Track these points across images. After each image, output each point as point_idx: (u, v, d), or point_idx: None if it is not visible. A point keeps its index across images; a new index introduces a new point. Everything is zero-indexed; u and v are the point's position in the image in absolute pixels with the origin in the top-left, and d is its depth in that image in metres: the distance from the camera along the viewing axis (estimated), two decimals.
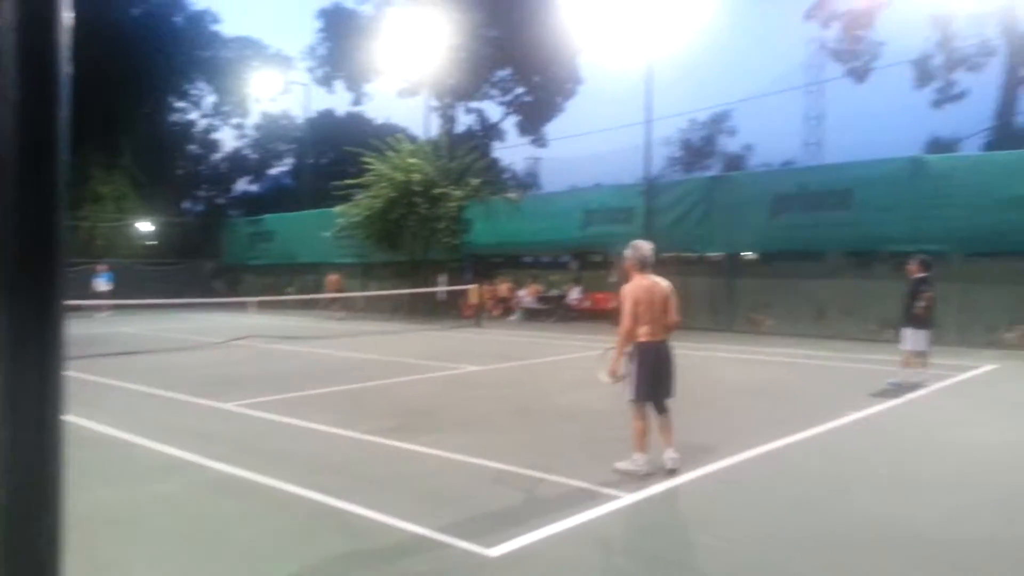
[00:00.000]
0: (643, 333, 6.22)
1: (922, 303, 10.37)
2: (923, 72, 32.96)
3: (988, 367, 12.45)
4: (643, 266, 6.32)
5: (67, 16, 1.62)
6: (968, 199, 15.23)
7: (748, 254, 20.31)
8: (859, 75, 35.50)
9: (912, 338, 10.46)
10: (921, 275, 10.59)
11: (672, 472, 6.16)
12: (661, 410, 6.39)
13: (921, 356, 10.55)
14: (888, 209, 16.25)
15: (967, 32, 31.15)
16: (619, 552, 4.70)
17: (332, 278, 26.49)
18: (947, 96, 32.98)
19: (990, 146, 29.39)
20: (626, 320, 6.20)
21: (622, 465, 6.27)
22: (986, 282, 15.41)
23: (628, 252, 6.43)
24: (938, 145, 37.30)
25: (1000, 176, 15.09)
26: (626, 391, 6.36)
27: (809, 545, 4.76)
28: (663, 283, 6.36)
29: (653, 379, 6.27)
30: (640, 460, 6.22)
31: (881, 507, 5.47)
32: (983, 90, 30.82)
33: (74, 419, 8.72)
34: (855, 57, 34.98)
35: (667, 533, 5.11)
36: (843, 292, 17.32)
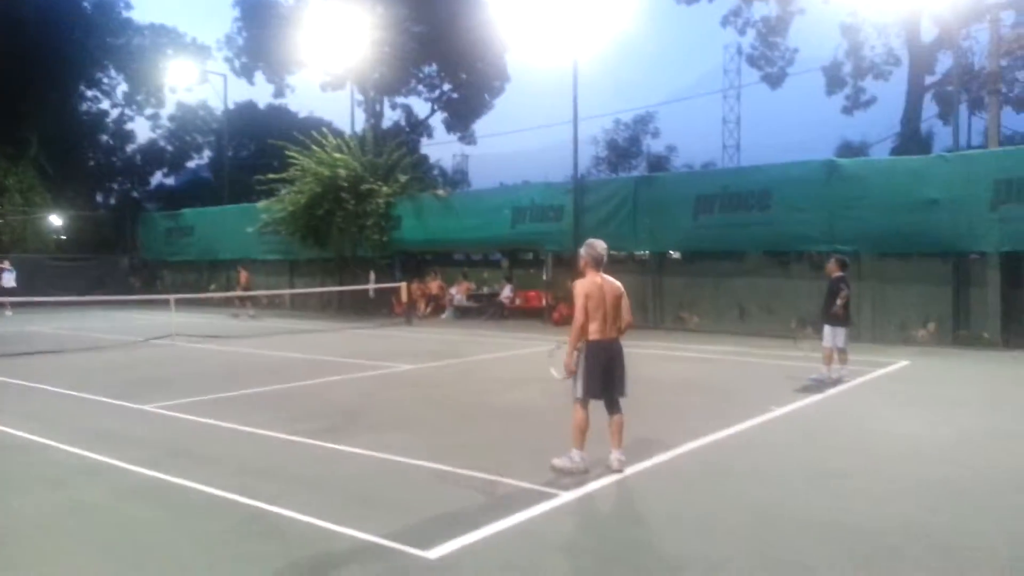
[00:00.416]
0: (593, 331, 6.22)
1: (840, 302, 10.78)
2: (834, 79, 34.27)
3: (902, 363, 13.01)
4: (597, 264, 6.36)
5: None
6: (879, 201, 15.88)
7: (674, 253, 20.74)
8: (774, 80, 36.62)
9: (831, 335, 10.86)
10: (839, 274, 11.00)
11: (616, 473, 6.17)
12: (612, 410, 6.38)
13: (841, 353, 10.96)
14: (804, 210, 16.81)
15: (874, 41, 32.56)
16: (559, 550, 4.72)
17: (242, 275, 25.77)
18: (857, 102, 34.35)
19: (897, 151, 30.84)
20: (578, 315, 6.20)
21: (559, 462, 6.29)
22: (897, 281, 16.14)
23: (583, 250, 6.47)
24: (848, 149, 38.96)
25: (909, 180, 15.77)
26: (574, 388, 6.33)
27: (742, 536, 4.90)
28: (615, 283, 6.40)
29: (603, 378, 6.25)
30: (577, 456, 6.23)
31: (808, 497, 5.68)
32: (890, 97, 32.26)
33: None
34: (770, 63, 36.07)
35: (606, 530, 5.18)
36: (763, 291, 17.87)
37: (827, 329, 10.90)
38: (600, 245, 6.45)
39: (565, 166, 22.52)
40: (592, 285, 6.26)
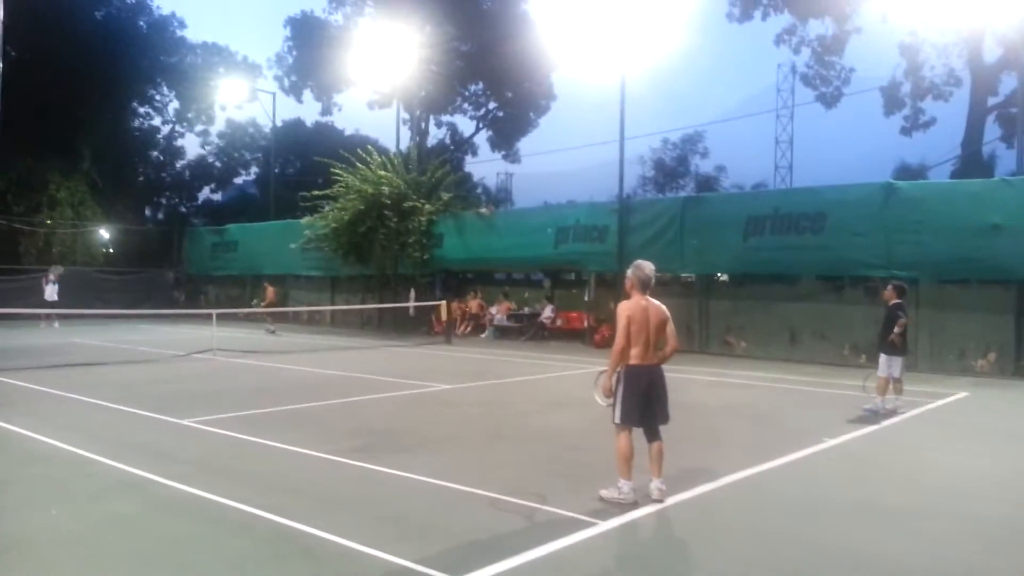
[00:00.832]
0: (634, 355, 6.04)
1: (898, 330, 10.32)
2: (892, 99, 33.54)
3: (961, 394, 12.45)
4: (644, 286, 6.20)
5: None
6: (939, 226, 15.31)
7: (721, 276, 20.27)
8: (829, 100, 35.99)
9: (887, 364, 10.40)
10: (897, 301, 10.55)
11: (657, 503, 5.95)
12: (652, 438, 6.16)
13: (896, 383, 10.49)
14: (860, 234, 16.28)
15: (934, 62, 31.82)
16: None
17: (269, 290, 25.85)
18: (916, 124, 33.55)
19: (958, 174, 29.95)
20: (619, 338, 6.03)
21: (607, 493, 6.03)
22: (956, 309, 15.49)
23: (630, 271, 6.31)
24: (907, 172, 38.00)
25: (970, 204, 15.19)
26: (612, 414, 6.14)
27: (787, 574, 4.59)
28: (661, 307, 6.21)
29: (642, 404, 6.05)
30: (625, 487, 5.96)
31: (860, 536, 5.34)
32: (951, 119, 31.42)
33: (25, 432, 8.33)
34: (825, 82, 35.47)
35: (643, 563, 4.90)
36: (815, 316, 17.33)
37: (883, 358, 10.44)
38: (648, 267, 6.27)
39: (610, 186, 22.31)
40: (636, 308, 6.08)
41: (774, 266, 18.05)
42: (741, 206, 18.89)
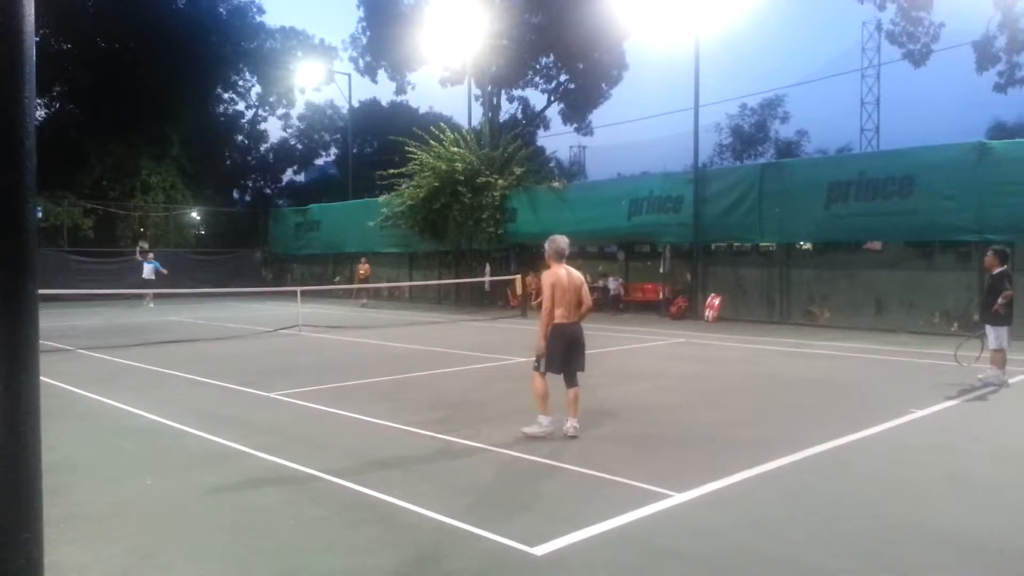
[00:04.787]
0: (559, 315, 7.14)
1: (1002, 301, 9.81)
2: (985, 54, 31.65)
3: None
4: (559, 256, 7.28)
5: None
6: None
7: (803, 244, 19.70)
8: (917, 58, 34.23)
9: (996, 336, 9.89)
10: (1001, 269, 10.04)
11: (572, 439, 6.99)
12: (571, 384, 7.29)
13: (999, 353, 10.00)
14: (951, 197, 15.56)
15: None
16: (669, 556, 4.45)
17: (363, 267, 27.01)
18: (1011, 79, 31.60)
19: None
20: (546, 303, 7.15)
21: (529, 429, 7.12)
22: None
23: (547, 244, 7.37)
24: (1002, 130, 35.91)
25: None
26: (538, 363, 7.22)
27: (869, 551, 4.48)
28: (577, 274, 7.35)
29: (565, 355, 7.16)
30: (544, 421, 7.11)
31: (945, 512, 5.15)
32: None
33: (123, 406, 8.82)
34: (913, 39, 33.73)
35: (719, 536, 4.83)
36: (903, 284, 16.67)
37: (990, 330, 9.92)
38: (561, 240, 7.32)
39: (685, 155, 21.85)
40: (558, 276, 7.14)
41: (859, 233, 17.44)
42: (823, 171, 18.24)
